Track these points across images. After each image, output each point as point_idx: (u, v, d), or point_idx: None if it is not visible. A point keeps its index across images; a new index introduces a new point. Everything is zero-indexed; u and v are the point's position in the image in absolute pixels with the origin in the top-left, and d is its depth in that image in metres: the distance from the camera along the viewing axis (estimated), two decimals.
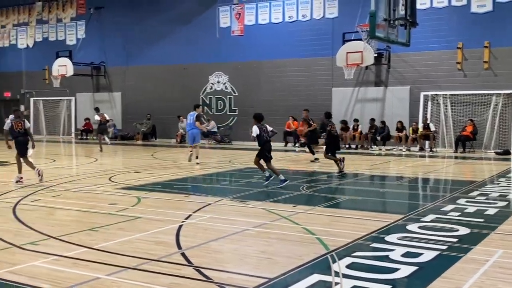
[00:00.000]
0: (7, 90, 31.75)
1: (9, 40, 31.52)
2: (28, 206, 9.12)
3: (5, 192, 10.59)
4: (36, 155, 20.55)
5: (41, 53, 29.73)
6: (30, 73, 30.61)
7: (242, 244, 6.52)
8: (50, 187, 11.34)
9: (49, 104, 30.08)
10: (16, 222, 7.76)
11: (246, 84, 25.09)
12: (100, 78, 28.78)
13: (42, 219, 8.04)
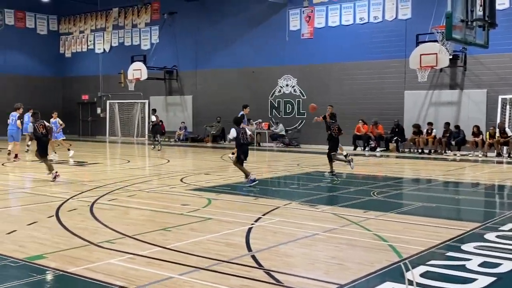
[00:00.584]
0: (85, 93, 33.21)
1: (87, 45, 32.97)
2: (105, 205, 9.48)
3: (83, 191, 11.06)
4: (111, 156, 21.39)
5: (117, 58, 30.89)
6: (106, 77, 31.87)
7: (312, 249, 6.47)
8: (125, 187, 11.73)
9: (124, 106, 31.19)
10: (93, 221, 8.09)
11: (315, 87, 24.96)
12: (172, 81, 29.54)
13: (117, 218, 8.34)
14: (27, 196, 10.54)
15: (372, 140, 23.05)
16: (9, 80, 31.26)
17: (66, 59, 33.99)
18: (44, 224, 7.81)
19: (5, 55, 31.33)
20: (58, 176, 12.61)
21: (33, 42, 32.63)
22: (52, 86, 33.50)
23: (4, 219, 8.24)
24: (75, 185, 12.07)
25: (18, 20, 32.12)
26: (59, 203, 9.50)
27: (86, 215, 8.55)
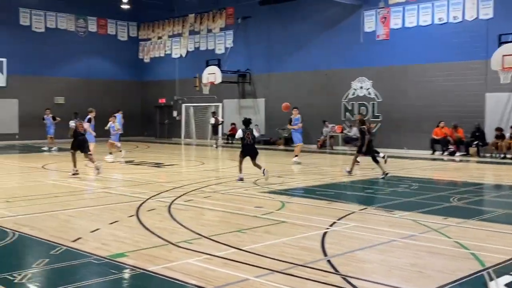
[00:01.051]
0: (162, 96, 34.21)
1: (165, 50, 33.96)
2: (182, 205, 9.70)
3: (161, 192, 11.38)
4: (187, 158, 21.89)
5: (193, 62, 31.60)
6: (182, 81, 32.68)
7: (389, 255, 6.31)
8: (200, 188, 11.96)
9: (199, 110, 31.86)
10: (171, 221, 8.30)
11: (390, 90, 24.41)
12: (245, 85, 29.85)
13: (194, 219, 8.51)
14: (109, 196, 10.98)
15: (451, 144, 22.22)
16: (92, 84, 32.72)
17: (145, 64, 35.16)
18: (125, 223, 8.10)
19: (89, 60, 32.84)
20: (76, 174, 14.01)
21: (114, 48, 34.00)
22: (132, 90, 34.75)
23: (88, 218, 8.62)
24: (153, 185, 12.43)
25: (100, 27, 33.60)
26: (139, 203, 9.83)
27: (164, 215, 8.78)
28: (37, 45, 30.50)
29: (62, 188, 12.36)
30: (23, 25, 30.28)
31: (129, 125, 31.85)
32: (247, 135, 13.08)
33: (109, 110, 28.41)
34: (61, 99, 31.28)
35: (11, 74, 28.53)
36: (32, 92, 30.12)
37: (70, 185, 12.75)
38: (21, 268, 5.72)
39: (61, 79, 31.54)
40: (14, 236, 7.24)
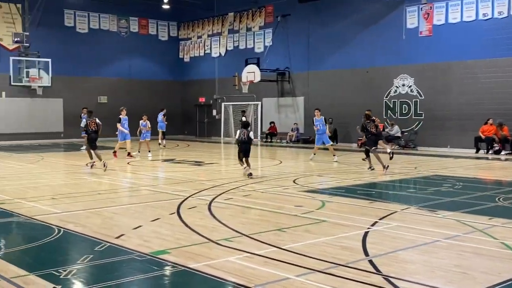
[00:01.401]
0: (201, 95, 34.52)
1: (204, 50, 34.24)
2: (222, 204, 9.77)
3: (201, 190, 11.48)
4: (226, 156, 22.03)
5: (232, 61, 31.76)
6: (221, 80, 32.89)
7: (433, 256, 6.19)
8: (240, 187, 12.01)
9: (238, 108, 31.98)
10: (211, 219, 8.36)
11: (433, 87, 23.93)
12: (284, 83, 29.80)
13: (234, 217, 8.55)
14: (151, 193, 11.15)
15: (497, 142, 21.63)
16: (134, 84, 33.31)
17: (185, 63, 35.54)
18: (167, 221, 8.21)
19: (130, 60, 33.42)
20: (93, 166, 15.13)
21: (155, 47, 34.49)
22: (172, 89, 35.20)
23: (131, 215, 8.78)
24: (194, 183, 12.56)
25: (141, 27, 34.14)
26: (180, 201, 9.95)
27: (204, 213, 8.86)
28: (81, 45, 31.24)
29: (105, 185, 12.63)
30: (67, 26, 31.06)
31: (169, 124, 32.33)
32: (243, 134, 14.52)
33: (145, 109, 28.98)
34: (104, 98, 31.98)
35: (56, 75, 29.28)
36: (76, 92, 30.87)
37: (113, 182, 13.01)
38: (66, 264, 5.87)
39: (104, 79, 32.22)
40: (59, 232, 7.43)
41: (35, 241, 7.01)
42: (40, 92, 29.41)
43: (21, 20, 29.06)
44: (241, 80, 29.01)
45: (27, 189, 11.89)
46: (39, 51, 28.62)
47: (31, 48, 28.54)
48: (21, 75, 28.10)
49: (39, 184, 12.86)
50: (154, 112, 27.96)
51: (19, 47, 28.59)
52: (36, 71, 28.55)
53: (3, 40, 28.69)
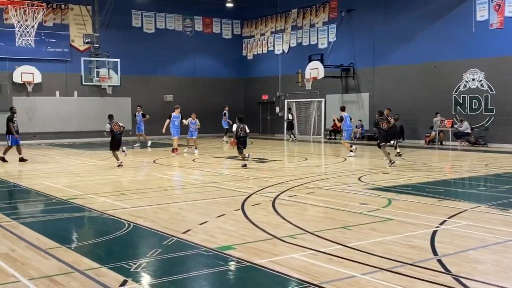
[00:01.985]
0: (264, 93, 34.67)
1: (267, 47, 34.35)
2: (285, 201, 9.81)
3: (265, 187, 11.57)
4: (289, 153, 22.05)
5: (295, 58, 31.69)
6: (285, 77, 32.89)
7: (505, 256, 5.97)
8: (303, 184, 12.01)
9: (301, 105, 31.89)
10: (275, 216, 8.42)
11: (505, 82, 22.92)
12: (348, 79, 29.44)
13: (298, 214, 8.57)
14: (216, 190, 11.34)
15: None
16: (198, 82, 33.92)
17: (248, 61, 35.80)
18: (231, 217, 8.34)
19: (195, 59, 34.04)
20: (121, 166, 15.88)
21: (219, 46, 34.94)
22: (236, 86, 35.56)
23: (197, 211, 8.98)
24: (257, 180, 12.68)
25: (205, 26, 34.70)
26: (244, 198, 10.07)
27: (268, 209, 8.93)
28: (148, 45, 32.12)
29: (172, 182, 12.98)
30: (135, 26, 32.04)
31: (233, 121, 32.62)
32: (240, 129, 15.94)
33: (209, 107, 29.43)
34: (169, 96, 32.76)
35: (124, 74, 30.21)
36: (143, 91, 31.82)
37: (179, 179, 13.34)
38: (136, 257, 6.08)
39: (170, 78, 33.01)
40: (129, 227, 7.71)
41: (107, 235, 7.31)
42: (110, 91, 30.51)
43: (91, 21, 30.21)
44: (304, 77, 28.90)
45: (98, 184, 12.40)
46: (109, 52, 29.63)
47: (101, 48, 29.58)
48: (92, 75, 29.20)
49: (109, 180, 13.38)
50: (218, 110, 28.43)
51: (89, 47, 29.72)
52: (106, 71, 29.59)
53: (75, 41, 29.98)
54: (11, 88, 28.13)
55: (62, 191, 11.36)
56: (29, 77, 28.09)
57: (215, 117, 29.06)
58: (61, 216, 8.75)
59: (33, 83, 28.28)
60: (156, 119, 26.15)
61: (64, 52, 29.64)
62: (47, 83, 28.94)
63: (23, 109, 27.81)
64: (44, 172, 15.19)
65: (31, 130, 28.21)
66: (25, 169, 15.99)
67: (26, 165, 17.08)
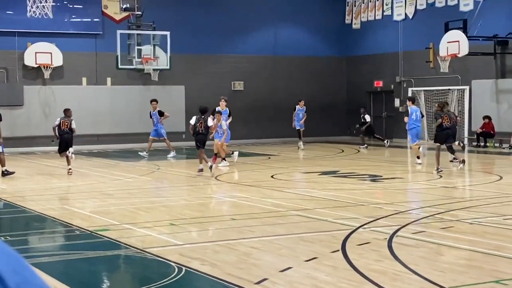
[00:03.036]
0: (377, 78, 34.28)
1: (382, 11, 33.97)
2: (408, 239, 9.63)
3: (376, 218, 11.40)
4: (413, 168, 21.63)
5: (424, 26, 31.12)
6: (408, 54, 32.39)
7: None
8: (437, 214, 11.74)
9: (433, 96, 31.27)
10: (393, 261, 8.27)
11: None
12: (506, 57, 28.60)
13: (427, 260, 8.38)
14: (304, 220, 11.31)
15: None
16: (279, 63, 33.98)
17: (353, 31, 35.57)
18: (327, 262, 8.28)
19: (276, 30, 34.18)
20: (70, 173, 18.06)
21: (310, 11, 34.87)
22: (333, 69, 35.37)
23: (277, 251, 8.98)
24: (366, 208, 12.54)
25: None
26: (346, 233, 9.96)
27: (382, 252, 8.79)
28: (209, 11, 32.53)
29: (241, 207, 13.08)
30: None
31: (327, 120, 32.55)
32: (200, 123, 17.90)
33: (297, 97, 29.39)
34: (239, 84, 33.07)
35: (176, 53, 30.72)
36: (203, 76, 32.22)
37: (252, 203, 13.41)
38: None
39: (240, 58, 33.27)
40: (180, 272, 7.83)
41: (149, 283, 7.46)
42: (156, 77, 31.08)
43: None
44: (438, 54, 28.34)
45: (138, 210, 12.70)
46: (154, 22, 30.29)
47: (144, 17, 30.28)
48: (131, 55, 29.63)
49: (154, 204, 13.68)
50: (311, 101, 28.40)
51: (128, 16, 30.47)
52: (150, 48, 30.06)
53: (108, 7, 30.77)
54: (21, 74, 29.30)
55: (89, 218, 11.72)
56: (46, 58, 28.97)
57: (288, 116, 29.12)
58: (86, 255, 9.03)
59: (52, 67, 29.14)
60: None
61: (93, 24, 30.59)
62: (70, 67, 29.84)
63: (37, 103, 28.98)
64: (65, 192, 15.80)
65: (48, 132, 28.71)
66: (38, 187, 16.68)
67: (38, 182, 17.80)
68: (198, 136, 18.25)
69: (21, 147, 27.30)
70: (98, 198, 14.47)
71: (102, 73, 30.62)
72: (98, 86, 30.69)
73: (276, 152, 25.82)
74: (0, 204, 14.13)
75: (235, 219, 11.67)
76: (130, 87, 31.21)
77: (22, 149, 27.09)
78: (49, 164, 22.50)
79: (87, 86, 30.49)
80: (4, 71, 28.75)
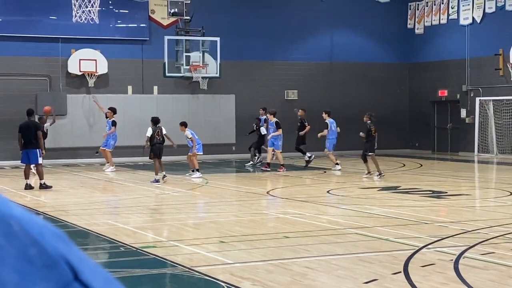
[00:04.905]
0: (442, 87, 33.91)
1: (448, 14, 33.62)
2: (477, 261, 9.49)
3: (441, 237, 11.26)
4: (483, 184, 21.33)
5: (494, 30, 30.71)
6: (476, 61, 31.97)
7: None
8: (507, 234, 11.55)
9: (502, 106, 30.83)
10: (460, 285, 8.16)
11: None
12: None
13: (498, 285, 8.27)
14: (363, 240, 11.22)
15: None
16: (336, 70, 33.90)
17: (416, 36, 35.31)
18: (388, 284, 8.22)
19: (332, 36, 34.11)
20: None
21: (370, 14, 34.71)
22: (394, 77, 35.09)
23: (333, 272, 8.94)
24: (430, 226, 12.40)
25: None
26: (409, 253, 9.85)
27: (448, 274, 8.67)
28: (261, 16, 32.52)
29: (295, 224, 13.04)
30: None
31: (387, 131, 32.23)
32: (157, 134, 19.57)
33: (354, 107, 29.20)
34: (293, 93, 33.06)
35: (226, 60, 30.85)
36: (254, 84, 32.23)
37: (306, 220, 13.37)
38: None
39: (293, 65, 33.26)
40: None
41: None
42: (205, 86, 31.23)
43: None
44: (508, 60, 27.99)
45: (185, 226, 12.75)
46: (203, 27, 30.46)
47: (193, 23, 30.47)
48: (180, 62, 29.90)
49: (202, 220, 13.74)
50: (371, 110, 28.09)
51: (176, 21, 30.71)
52: (199, 55, 30.25)
53: (156, 12, 31.07)
54: (64, 82, 29.70)
55: (134, 234, 11.82)
56: (90, 65, 29.36)
57: (359, 124, 28.82)
58: (131, 273, 9.09)
59: (96, 74, 29.54)
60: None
61: (139, 29, 30.90)
62: (115, 75, 30.20)
63: (81, 113, 29.36)
64: (109, 206, 15.98)
65: (92, 143, 29.20)
66: (81, 201, 16.89)
67: (81, 195, 18.04)
68: (156, 146, 19.90)
69: (64, 158, 27.72)
70: (144, 213, 14.61)
71: (148, 81, 30.89)
72: (144, 95, 30.95)
73: (332, 166, 25.71)
74: (41, 218, 14.30)
75: (288, 237, 11.63)
76: (178, 96, 31.38)
77: (65, 161, 27.52)
78: (93, 177, 22.76)
79: (133, 95, 30.77)
80: (47, 79, 29.20)
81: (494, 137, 31.19)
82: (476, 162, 29.36)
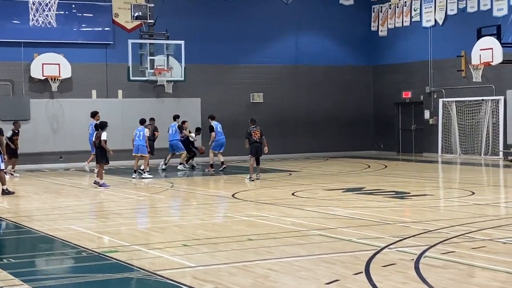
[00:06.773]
0: (406, 89, 34.12)
1: (411, 17, 33.86)
2: (437, 260, 9.58)
3: (403, 237, 11.36)
4: (446, 184, 21.53)
5: (455, 33, 31.01)
6: (438, 63, 32.25)
7: None
8: (467, 233, 11.69)
9: (465, 107, 31.13)
10: (421, 285, 8.25)
11: None
12: None
13: (458, 283, 8.34)
14: (326, 240, 11.29)
15: None
16: (301, 73, 33.86)
17: (380, 39, 35.49)
18: (349, 284, 8.27)
19: (297, 38, 34.13)
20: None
21: (334, 17, 34.83)
22: (359, 79, 35.21)
23: (296, 273, 8.97)
24: (393, 227, 12.50)
25: None
26: (370, 254, 9.94)
27: (409, 274, 8.76)
28: (226, 19, 32.57)
29: (259, 227, 13.07)
30: None
31: (352, 133, 32.50)
32: (96, 138, 20.40)
33: (324, 111, 29.35)
34: (258, 96, 33.09)
35: (191, 63, 30.76)
36: (220, 88, 32.19)
37: (270, 222, 13.41)
38: None
39: (258, 68, 33.24)
40: None
41: None
42: (170, 90, 31.14)
43: None
44: (470, 62, 28.26)
45: (149, 231, 12.74)
46: (167, 30, 30.37)
47: (156, 26, 30.34)
48: (144, 66, 29.66)
49: (166, 224, 13.69)
50: (332, 115, 28.29)
51: (140, 25, 30.55)
52: (164, 59, 30.07)
53: (119, 16, 30.95)
54: (27, 87, 29.45)
55: (97, 239, 11.78)
56: (53, 70, 29.09)
57: (325, 126, 29.12)
58: (94, 278, 9.06)
59: (59, 79, 29.25)
60: (238, 129, 26.55)
61: (103, 33, 30.78)
62: (79, 79, 30.04)
63: (45, 117, 29.10)
64: (72, 211, 15.85)
65: (56, 148, 29.26)
66: (45, 206, 16.76)
67: (45, 201, 17.90)
68: (100, 150, 20.62)
69: (28, 164, 27.46)
70: (107, 218, 14.53)
71: (113, 85, 30.79)
72: (108, 99, 30.79)
73: (297, 168, 25.77)
74: (4, 224, 14.21)
75: (252, 239, 11.65)
76: (143, 99, 31.26)
77: (28, 166, 27.26)
78: (56, 182, 22.61)
79: (97, 99, 30.53)
80: (9, 83, 28.94)
81: (457, 138, 31.52)
82: (439, 162, 29.64)
